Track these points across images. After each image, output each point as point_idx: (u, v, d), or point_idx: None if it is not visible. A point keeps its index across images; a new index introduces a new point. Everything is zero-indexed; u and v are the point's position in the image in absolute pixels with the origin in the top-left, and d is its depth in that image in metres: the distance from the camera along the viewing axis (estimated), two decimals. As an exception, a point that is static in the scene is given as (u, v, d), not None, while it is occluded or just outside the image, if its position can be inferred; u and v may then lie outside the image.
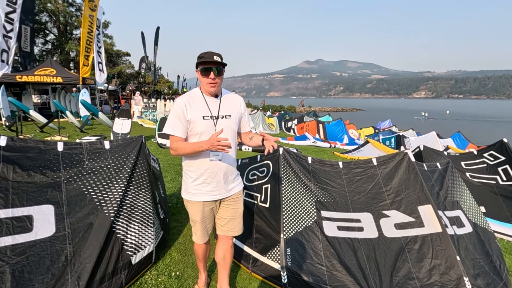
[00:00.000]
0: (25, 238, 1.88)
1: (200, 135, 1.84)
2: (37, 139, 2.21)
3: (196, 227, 2.00)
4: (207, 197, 1.92)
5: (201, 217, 1.95)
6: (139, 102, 17.17)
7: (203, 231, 2.01)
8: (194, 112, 1.83)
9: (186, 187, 1.96)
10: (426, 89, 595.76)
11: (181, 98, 1.87)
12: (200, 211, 1.94)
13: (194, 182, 1.90)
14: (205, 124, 1.84)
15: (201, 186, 1.90)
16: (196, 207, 1.93)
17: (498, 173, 3.95)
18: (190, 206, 1.97)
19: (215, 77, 1.81)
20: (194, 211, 1.95)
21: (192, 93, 1.91)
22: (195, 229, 2.02)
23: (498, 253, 2.71)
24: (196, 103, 1.86)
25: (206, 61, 1.78)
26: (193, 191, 1.92)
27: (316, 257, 2.30)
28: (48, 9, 21.46)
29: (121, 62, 28.41)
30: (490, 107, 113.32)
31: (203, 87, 1.87)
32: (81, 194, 2.20)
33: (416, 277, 2.19)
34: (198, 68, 1.82)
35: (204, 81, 1.84)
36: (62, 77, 13.45)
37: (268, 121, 16.20)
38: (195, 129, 1.84)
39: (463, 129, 12.91)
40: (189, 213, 2.01)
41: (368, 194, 2.63)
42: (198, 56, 1.83)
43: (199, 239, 2.04)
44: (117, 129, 8.57)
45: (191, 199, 1.93)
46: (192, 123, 1.83)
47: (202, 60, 1.78)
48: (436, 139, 9.83)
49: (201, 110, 1.85)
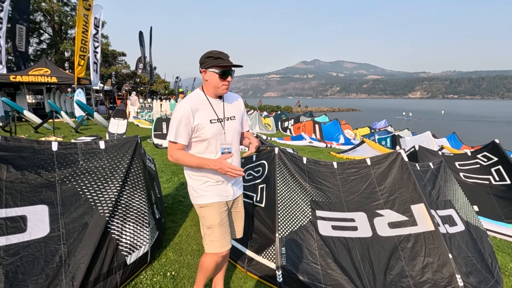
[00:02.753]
0: (19, 238, 1.87)
1: (210, 140, 1.73)
2: (32, 139, 2.20)
3: (215, 233, 1.78)
4: (222, 197, 1.81)
5: (220, 219, 1.79)
6: (135, 102, 17.09)
7: (224, 235, 1.81)
8: (201, 117, 1.71)
9: (197, 190, 1.80)
10: (421, 89, 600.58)
11: (186, 102, 1.71)
12: (218, 212, 1.78)
13: (206, 183, 1.78)
14: (214, 128, 1.73)
15: (214, 186, 1.79)
16: (214, 209, 1.78)
17: (491, 173, 4.03)
18: (206, 211, 1.78)
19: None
20: (213, 214, 1.77)
21: (195, 96, 1.77)
22: (212, 237, 1.79)
23: (490, 251, 2.75)
24: (201, 106, 1.73)
25: (226, 64, 1.66)
26: (205, 193, 1.77)
27: (311, 256, 2.31)
28: (43, 8, 21.26)
29: (117, 62, 28.24)
30: (484, 107, 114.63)
31: (214, 89, 1.74)
32: (76, 194, 2.20)
33: (409, 275, 2.21)
34: (212, 69, 1.68)
35: (219, 83, 1.71)
36: (57, 77, 13.33)
37: (264, 121, 16.22)
38: (204, 135, 1.72)
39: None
40: (205, 220, 1.80)
41: (362, 194, 2.65)
42: (211, 55, 1.68)
43: (219, 246, 1.79)
44: (113, 130, 8.52)
45: (205, 202, 1.77)
46: (200, 129, 1.71)
47: (220, 63, 1.66)
48: (431, 139, 9.92)
49: (208, 114, 1.74)
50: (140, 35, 23.81)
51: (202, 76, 1.74)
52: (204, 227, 1.83)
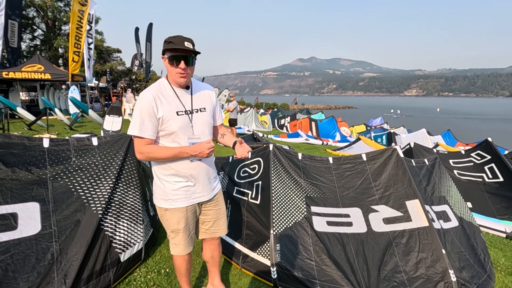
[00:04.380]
0: (9, 236, 1.85)
1: (176, 134, 1.61)
2: (22, 135, 2.16)
3: (179, 237, 1.75)
4: (190, 201, 1.72)
5: (185, 224, 1.73)
6: (130, 99, 16.96)
7: (188, 239, 1.78)
8: (166, 108, 1.58)
9: (163, 194, 1.70)
10: (417, 87, 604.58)
11: (148, 92, 1.57)
12: (184, 217, 1.72)
13: (174, 186, 1.67)
14: (180, 121, 1.61)
15: (184, 190, 1.68)
16: (179, 215, 1.71)
17: (485, 171, 4.09)
18: (170, 215, 1.71)
19: (186, 67, 1.56)
20: (176, 220, 1.71)
21: (159, 85, 1.63)
22: (176, 240, 1.76)
23: (483, 247, 2.78)
24: (166, 97, 1.60)
25: (176, 48, 1.51)
26: (173, 197, 1.68)
27: (306, 252, 2.32)
28: (36, 4, 20.92)
29: (112, 59, 27.95)
30: (479, 105, 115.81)
31: (172, 77, 1.61)
32: (68, 191, 2.17)
33: (403, 270, 2.23)
34: (165, 55, 1.55)
35: (172, 71, 1.57)
36: (51, 74, 13.14)
37: (261, 118, 16.21)
38: (170, 128, 1.59)
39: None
40: (168, 223, 1.74)
41: (357, 189, 2.65)
42: (165, 40, 1.54)
43: (183, 249, 1.78)
44: (108, 127, 8.44)
45: (172, 207, 1.69)
46: (166, 121, 1.58)
47: (170, 46, 1.51)
48: (426, 136, 10.01)
49: (174, 105, 1.61)
50: (136, 31, 23.56)
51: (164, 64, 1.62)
52: (168, 230, 1.78)
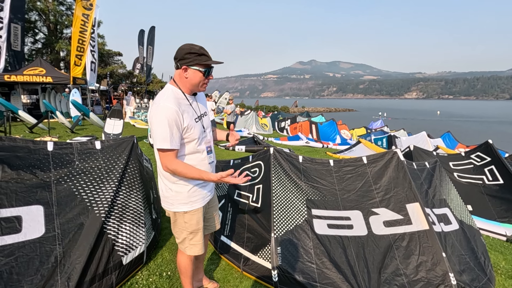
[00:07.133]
0: (13, 239, 1.87)
1: (196, 140, 1.66)
2: (27, 139, 2.19)
3: (198, 237, 1.80)
4: (205, 200, 1.82)
5: (202, 223, 1.81)
6: (131, 102, 17.02)
7: (203, 238, 1.85)
8: (188, 117, 1.61)
9: (183, 198, 1.72)
10: (417, 90, 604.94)
11: (170, 103, 1.55)
12: (202, 217, 1.80)
13: (192, 188, 1.72)
14: (198, 127, 1.67)
15: (199, 191, 1.75)
16: (198, 215, 1.77)
17: (485, 173, 4.08)
18: (189, 217, 1.75)
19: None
20: (196, 220, 1.77)
21: (175, 95, 1.63)
22: (195, 241, 1.80)
23: (483, 250, 2.79)
24: (184, 105, 1.62)
25: (212, 62, 1.60)
26: (193, 199, 1.73)
27: (307, 255, 2.33)
28: (38, 7, 21.07)
29: (113, 62, 28.06)
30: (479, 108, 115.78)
31: (193, 87, 1.65)
32: (72, 194, 2.19)
33: (403, 274, 2.24)
34: (196, 67, 1.57)
35: (200, 81, 1.62)
36: (52, 77, 13.21)
37: (261, 121, 16.23)
38: (193, 135, 1.64)
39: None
40: (187, 226, 1.76)
41: (358, 192, 2.67)
42: (193, 52, 1.55)
43: (201, 248, 1.83)
44: (109, 130, 8.48)
45: (192, 208, 1.74)
46: (189, 130, 1.61)
47: (206, 61, 1.57)
48: (427, 139, 10.01)
49: (191, 113, 1.66)
50: (140, 34, 23.67)
51: (180, 73, 1.60)
52: (184, 232, 1.79)
